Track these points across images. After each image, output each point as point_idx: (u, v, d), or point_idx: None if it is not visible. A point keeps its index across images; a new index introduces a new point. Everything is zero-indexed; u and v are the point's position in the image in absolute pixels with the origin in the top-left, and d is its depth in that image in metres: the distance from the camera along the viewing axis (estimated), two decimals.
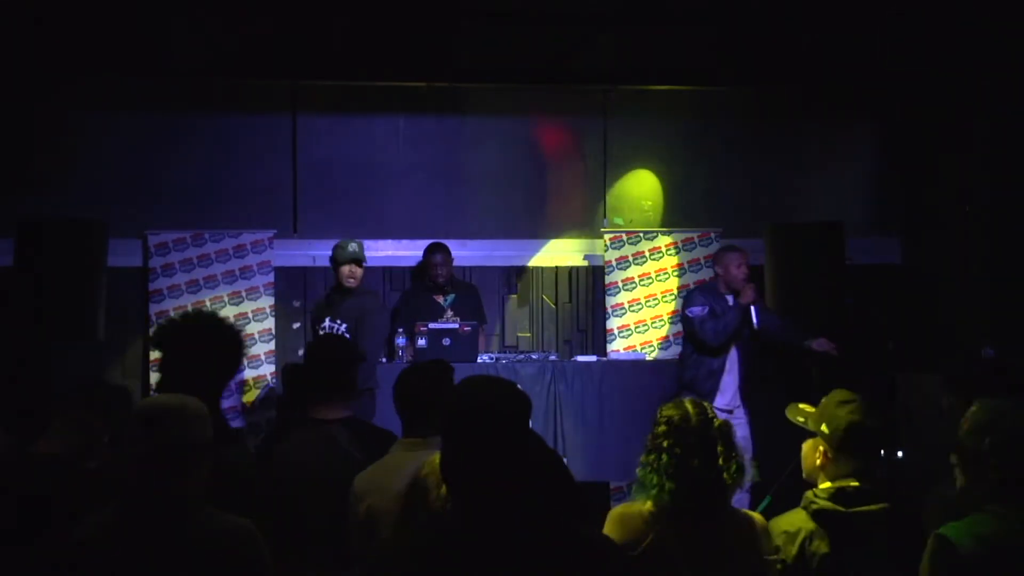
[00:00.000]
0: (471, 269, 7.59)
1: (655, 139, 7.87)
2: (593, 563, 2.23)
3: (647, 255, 7.57)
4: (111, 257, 6.39)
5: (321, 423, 3.78)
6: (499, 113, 7.77)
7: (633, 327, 7.53)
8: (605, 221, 7.77)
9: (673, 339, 7.38)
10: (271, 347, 7.20)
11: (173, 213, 7.26)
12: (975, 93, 6.98)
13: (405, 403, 3.45)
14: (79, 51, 6.56)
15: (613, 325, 7.53)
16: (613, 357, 7.23)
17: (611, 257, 7.55)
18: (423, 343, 6.43)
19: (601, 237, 7.64)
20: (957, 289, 7.22)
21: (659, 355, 7.38)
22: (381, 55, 6.91)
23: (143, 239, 7.14)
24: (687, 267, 7.56)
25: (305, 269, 7.40)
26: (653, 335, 7.50)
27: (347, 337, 6.39)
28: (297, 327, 7.34)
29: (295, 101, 7.47)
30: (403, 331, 6.62)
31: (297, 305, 7.33)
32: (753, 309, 6.54)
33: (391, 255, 7.55)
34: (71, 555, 2.67)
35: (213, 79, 7.14)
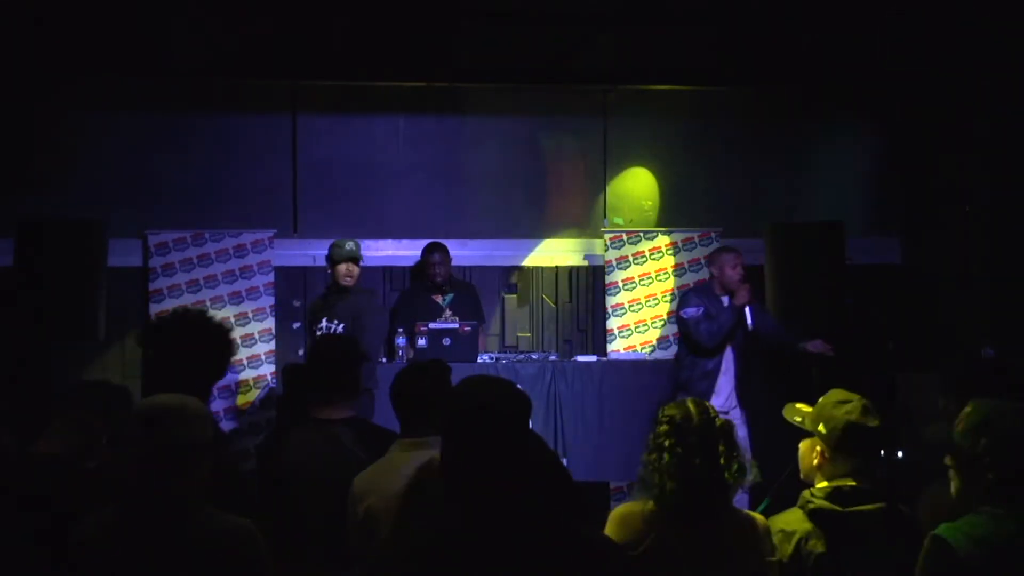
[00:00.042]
0: (471, 269, 7.59)
1: (655, 139, 7.87)
2: (593, 563, 2.23)
3: (647, 255, 7.57)
4: (111, 257, 6.39)
5: (324, 423, 3.76)
6: (499, 113, 7.77)
7: (633, 327, 7.53)
8: (605, 221, 7.77)
9: (673, 339, 7.38)
10: (271, 347, 7.20)
11: (173, 213, 7.25)
12: (975, 93, 6.98)
13: (403, 403, 3.44)
14: (79, 51, 6.56)
15: (613, 325, 7.52)
16: (613, 357, 7.23)
17: (611, 257, 7.55)
18: (423, 343, 6.43)
19: (601, 237, 7.64)
20: (957, 289, 7.22)
21: (659, 355, 7.38)
22: (381, 55, 6.91)
23: (143, 239, 7.14)
24: (687, 267, 7.56)
25: (305, 269, 7.39)
26: (653, 335, 7.50)
27: (350, 337, 6.37)
28: (297, 327, 7.33)
29: (295, 101, 7.47)
30: (403, 331, 6.61)
31: (297, 305, 7.32)
32: (748, 310, 6.53)
33: (391, 255, 7.55)
34: (71, 555, 2.67)
35: (213, 79, 7.14)
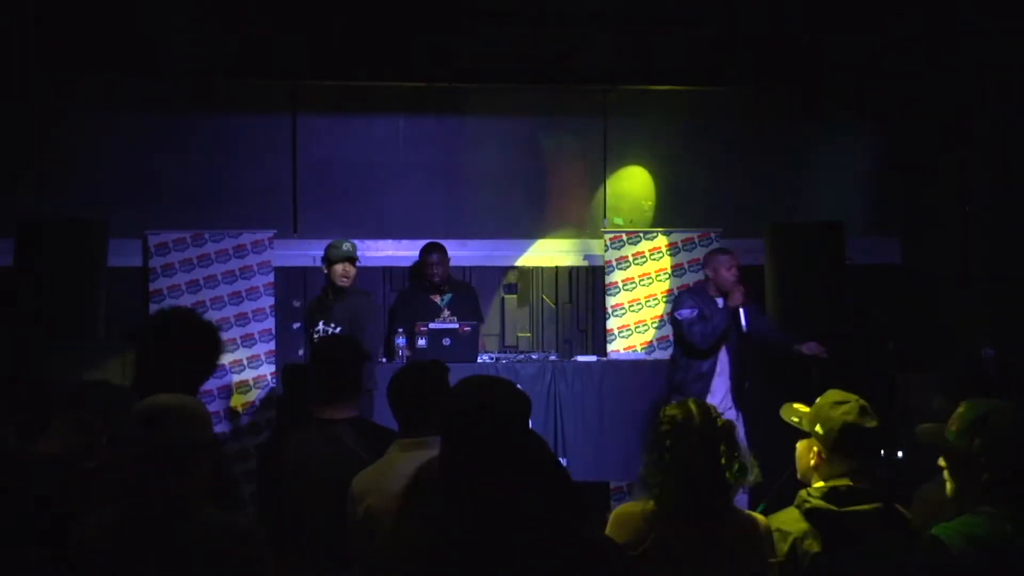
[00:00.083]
0: (471, 269, 7.59)
1: (655, 139, 7.87)
2: (593, 563, 2.23)
3: (647, 255, 7.57)
4: (111, 257, 6.38)
5: (326, 423, 3.76)
6: (499, 113, 7.77)
7: (633, 327, 7.53)
8: (605, 221, 7.78)
9: (673, 339, 7.38)
10: (271, 347, 7.20)
11: (173, 213, 7.25)
12: (975, 93, 6.98)
13: (402, 403, 3.43)
14: (79, 51, 6.56)
15: (613, 325, 7.52)
16: (613, 357, 7.23)
17: (611, 257, 7.55)
18: (423, 343, 6.42)
19: (601, 237, 7.64)
20: (957, 289, 7.22)
21: (659, 355, 7.37)
22: (381, 55, 6.91)
23: (143, 239, 7.13)
24: (687, 267, 7.56)
25: (305, 269, 7.39)
26: (653, 335, 7.50)
27: (353, 337, 6.37)
28: (297, 327, 7.32)
29: (295, 101, 7.47)
30: (403, 331, 6.61)
31: (297, 305, 7.32)
32: (742, 312, 6.51)
33: (391, 255, 7.55)
34: (71, 555, 2.67)
35: (213, 79, 7.14)
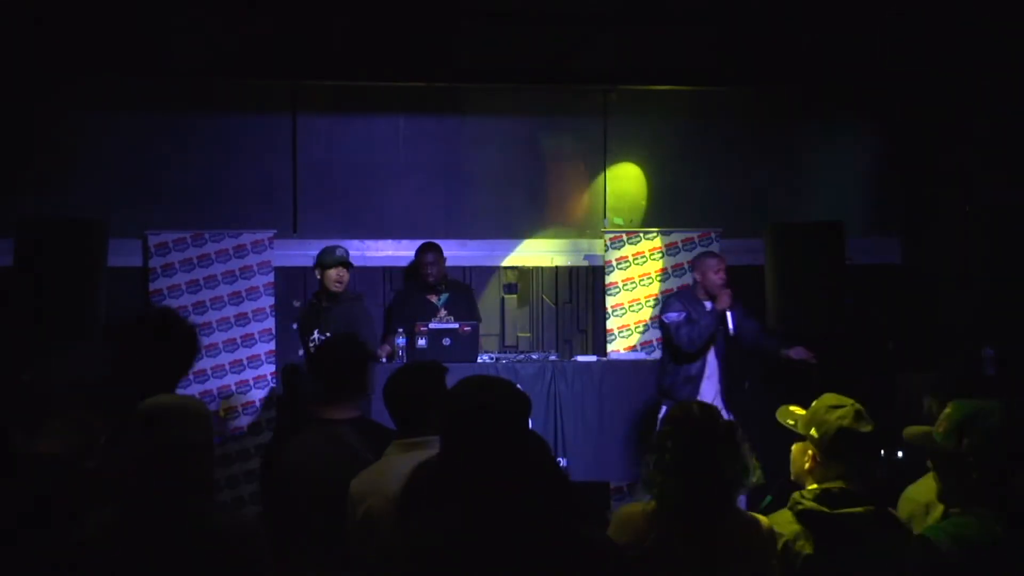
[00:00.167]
0: (471, 269, 7.59)
1: (655, 139, 7.86)
2: (593, 563, 2.23)
3: (647, 255, 7.57)
4: (111, 257, 6.39)
5: (329, 423, 3.76)
6: (499, 113, 7.77)
7: (633, 327, 7.53)
8: (605, 221, 7.78)
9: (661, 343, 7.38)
10: (271, 347, 7.20)
11: (173, 213, 7.26)
12: (975, 93, 6.98)
13: (400, 403, 3.41)
14: (79, 51, 6.56)
15: (613, 325, 7.52)
16: (613, 357, 7.23)
17: (611, 257, 7.55)
18: (423, 343, 6.42)
19: (601, 237, 7.64)
20: (957, 289, 7.21)
21: (659, 355, 7.34)
22: (381, 55, 6.91)
23: (143, 239, 7.13)
24: (687, 267, 7.55)
25: (305, 269, 7.37)
26: (653, 335, 7.49)
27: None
28: (297, 328, 7.33)
29: (295, 101, 7.47)
30: (403, 331, 6.61)
31: (297, 305, 7.32)
32: (730, 315, 6.50)
33: (391, 255, 7.54)
34: (71, 555, 2.67)
35: (213, 79, 7.14)
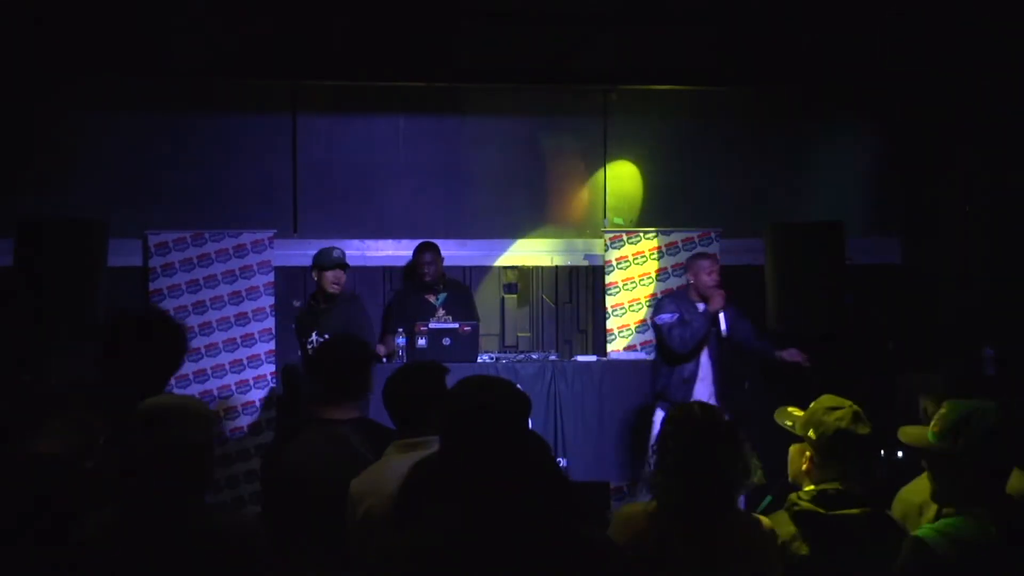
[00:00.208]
0: (470, 269, 7.59)
1: (655, 139, 7.86)
2: (593, 563, 2.23)
3: (647, 255, 7.57)
4: (111, 257, 6.40)
5: (330, 423, 3.76)
6: (499, 113, 7.77)
7: (633, 327, 7.53)
8: (605, 221, 7.78)
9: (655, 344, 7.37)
10: (271, 347, 7.20)
11: (173, 213, 7.25)
12: (975, 93, 6.98)
13: (399, 404, 3.41)
14: (79, 51, 6.56)
15: (613, 325, 7.52)
16: (613, 357, 7.23)
17: (611, 257, 7.55)
18: (423, 343, 6.42)
19: (601, 237, 7.64)
20: (957, 289, 7.21)
21: None
22: (381, 55, 6.91)
23: (143, 239, 7.13)
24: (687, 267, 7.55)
25: (305, 269, 7.36)
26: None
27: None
28: (294, 329, 7.33)
29: (295, 101, 7.47)
30: (403, 331, 6.61)
31: (297, 305, 7.32)
32: (723, 316, 6.51)
33: (391, 255, 7.54)
34: (71, 555, 2.67)
35: (213, 79, 7.14)
